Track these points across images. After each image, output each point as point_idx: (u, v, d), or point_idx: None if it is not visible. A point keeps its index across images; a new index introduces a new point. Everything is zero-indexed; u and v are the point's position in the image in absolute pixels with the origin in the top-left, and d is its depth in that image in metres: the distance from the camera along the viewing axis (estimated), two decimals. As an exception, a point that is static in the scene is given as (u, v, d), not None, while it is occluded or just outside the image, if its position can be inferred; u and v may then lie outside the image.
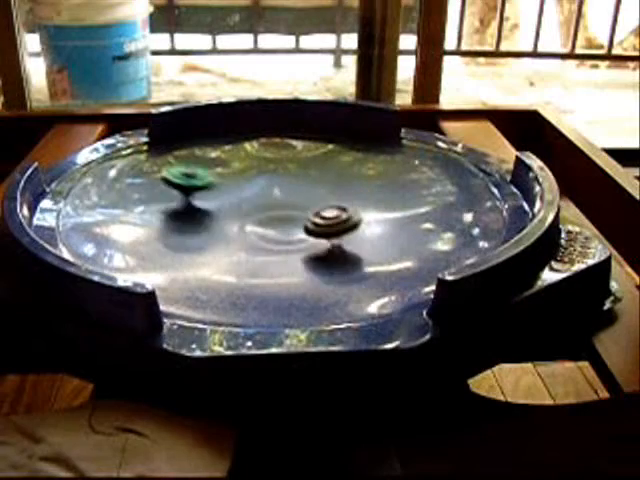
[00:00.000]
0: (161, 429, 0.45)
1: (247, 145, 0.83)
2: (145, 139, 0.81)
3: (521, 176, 0.69)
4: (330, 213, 0.61)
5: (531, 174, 0.66)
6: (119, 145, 0.80)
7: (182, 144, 0.81)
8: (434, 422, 0.47)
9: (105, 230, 0.64)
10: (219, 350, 0.47)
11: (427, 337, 0.48)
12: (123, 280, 0.49)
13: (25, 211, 0.61)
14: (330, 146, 0.83)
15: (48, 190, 0.68)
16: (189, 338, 0.48)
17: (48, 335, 0.52)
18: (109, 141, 0.80)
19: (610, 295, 0.60)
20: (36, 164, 0.66)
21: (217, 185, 0.70)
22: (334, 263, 0.60)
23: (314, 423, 0.47)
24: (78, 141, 0.91)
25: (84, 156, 0.76)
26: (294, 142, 0.83)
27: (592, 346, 0.55)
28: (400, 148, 0.82)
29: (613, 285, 0.60)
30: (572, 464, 0.45)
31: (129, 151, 0.79)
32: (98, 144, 0.79)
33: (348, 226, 0.60)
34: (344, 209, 0.61)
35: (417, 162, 0.79)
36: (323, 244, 0.62)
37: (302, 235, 0.63)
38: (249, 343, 0.47)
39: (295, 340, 0.48)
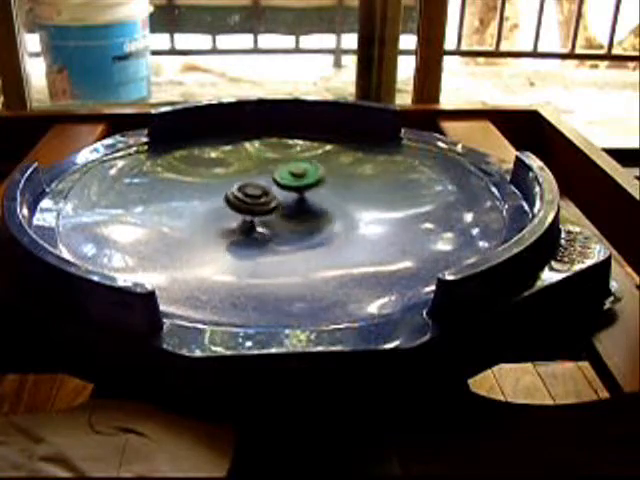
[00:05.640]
0: (161, 429, 0.45)
1: (247, 145, 0.83)
2: (145, 139, 0.81)
3: (521, 176, 0.69)
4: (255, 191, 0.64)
5: (531, 174, 0.66)
6: (119, 145, 0.79)
7: (182, 144, 0.81)
8: (434, 422, 0.47)
9: (105, 230, 0.64)
10: (219, 350, 0.47)
11: (427, 337, 0.48)
12: (123, 280, 0.49)
13: (25, 211, 0.61)
14: (330, 146, 0.83)
15: (48, 190, 0.68)
16: (189, 338, 0.48)
17: (48, 335, 0.52)
18: (109, 141, 0.80)
19: (610, 295, 0.60)
20: (36, 164, 0.66)
21: (217, 185, 0.70)
22: (334, 263, 0.60)
23: (314, 423, 0.47)
24: (78, 141, 0.91)
25: (84, 156, 0.76)
26: (294, 142, 0.83)
27: (592, 346, 0.55)
28: (400, 148, 0.82)
29: (613, 285, 0.60)
30: (572, 464, 0.45)
31: (129, 151, 0.79)
32: (98, 144, 0.79)
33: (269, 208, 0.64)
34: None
35: (417, 162, 0.79)
36: (324, 244, 0.62)
37: (302, 235, 0.63)
38: (249, 343, 0.47)
39: (295, 340, 0.48)
